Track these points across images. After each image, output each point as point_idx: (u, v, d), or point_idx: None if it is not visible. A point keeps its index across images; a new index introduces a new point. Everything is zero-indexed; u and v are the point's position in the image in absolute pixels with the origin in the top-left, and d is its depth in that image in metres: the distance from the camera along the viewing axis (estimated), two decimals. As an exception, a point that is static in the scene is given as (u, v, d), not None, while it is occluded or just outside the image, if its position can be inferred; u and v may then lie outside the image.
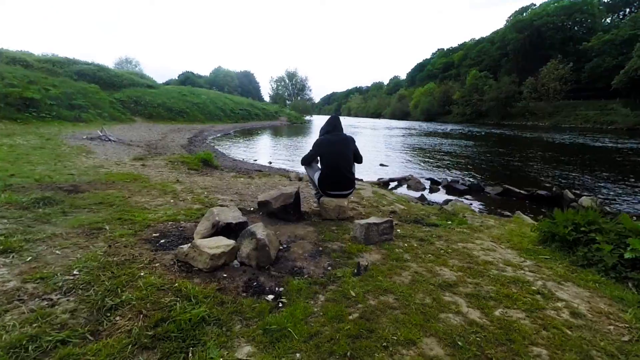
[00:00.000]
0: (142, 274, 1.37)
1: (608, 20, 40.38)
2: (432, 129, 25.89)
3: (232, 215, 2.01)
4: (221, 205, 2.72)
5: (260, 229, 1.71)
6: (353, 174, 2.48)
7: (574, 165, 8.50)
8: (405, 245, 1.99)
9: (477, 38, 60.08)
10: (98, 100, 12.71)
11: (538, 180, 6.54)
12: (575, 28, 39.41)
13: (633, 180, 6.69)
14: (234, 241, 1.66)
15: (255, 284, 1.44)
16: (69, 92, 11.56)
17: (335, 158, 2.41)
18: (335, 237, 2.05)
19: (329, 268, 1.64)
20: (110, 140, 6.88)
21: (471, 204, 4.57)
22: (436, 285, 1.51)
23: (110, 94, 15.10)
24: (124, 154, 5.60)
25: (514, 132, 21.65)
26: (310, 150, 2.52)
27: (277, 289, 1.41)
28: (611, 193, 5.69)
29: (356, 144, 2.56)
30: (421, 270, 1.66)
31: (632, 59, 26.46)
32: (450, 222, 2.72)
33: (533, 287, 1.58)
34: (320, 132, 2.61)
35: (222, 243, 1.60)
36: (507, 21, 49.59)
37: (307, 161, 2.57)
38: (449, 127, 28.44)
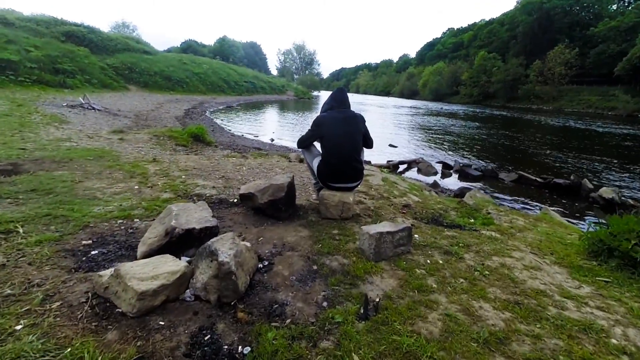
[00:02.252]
0: (18, 327, 0.78)
1: (614, 6, 37.92)
2: (440, 109, 24.35)
3: (197, 217, 1.39)
4: (197, 195, 2.10)
5: (226, 245, 1.09)
6: (361, 162, 1.80)
7: (582, 151, 7.91)
8: (428, 261, 1.40)
9: (487, 19, 55.70)
10: (87, 65, 11.23)
11: (550, 166, 5.99)
12: (583, 13, 37.28)
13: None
14: (184, 264, 1.05)
15: (208, 338, 0.87)
16: (53, 55, 10.09)
17: (341, 141, 1.72)
18: (335, 246, 1.45)
19: (324, 304, 1.06)
20: (93, 108, 5.96)
21: (487, 192, 4.03)
22: (480, 342, 0.95)
23: (101, 58, 13.40)
24: (104, 125, 4.79)
25: (520, 115, 20.46)
26: (309, 130, 1.82)
27: (240, 349, 0.85)
28: (624, 181, 5.14)
29: (366, 124, 1.83)
30: (454, 310, 1.09)
31: (635, 46, 24.96)
32: (473, 221, 2.15)
33: (613, 340, 1.03)
34: (322, 108, 1.90)
35: (163, 269, 0.99)
36: (518, 2, 44.62)
37: (304, 143, 1.88)
38: (457, 108, 26.85)
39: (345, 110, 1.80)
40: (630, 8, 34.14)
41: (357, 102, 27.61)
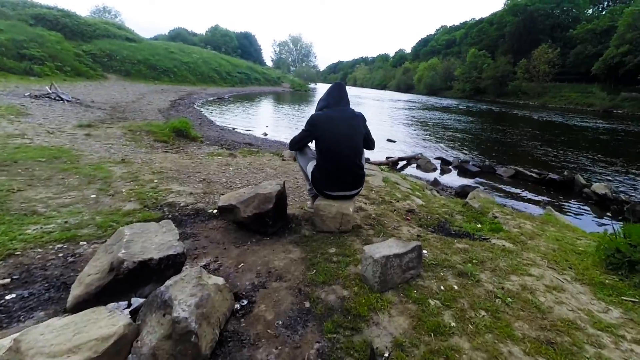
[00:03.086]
0: None
1: (590, 11, 40.68)
2: (435, 103, 24.43)
3: (157, 242, 1.07)
4: (169, 205, 1.76)
5: (186, 290, 0.80)
6: (362, 168, 1.52)
7: (568, 145, 8.08)
8: (441, 287, 1.16)
9: (477, 18, 57.09)
10: (59, 51, 10.08)
11: (541, 161, 5.98)
12: (563, 16, 39.57)
13: (624, 162, 6.25)
14: (123, 322, 0.74)
15: None
16: (18, 39, 8.95)
17: (339, 144, 1.43)
18: (333, 272, 1.18)
19: (319, 363, 0.79)
20: (62, 99, 5.28)
21: (486, 189, 3.95)
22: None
23: (77, 45, 12.13)
24: (72, 119, 4.22)
25: (510, 110, 20.83)
26: (303, 130, 1.51)
27: None
28: (610, 175, 5.23)
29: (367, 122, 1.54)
30: (481, 360, 0.84)
31: (609, 48, 26.87)
32: (480, 226, 1.96)
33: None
34: (318, 104, 1.57)
35: (90, 334, 0.69)
36: (505, 4, 46.33)
37: (297, 145, 1.57)
38: (450, 102, 27.09)
39: (344, 109, 1.49)
40: (604, 13, 36.34)
41: (355, 95, 27.18)
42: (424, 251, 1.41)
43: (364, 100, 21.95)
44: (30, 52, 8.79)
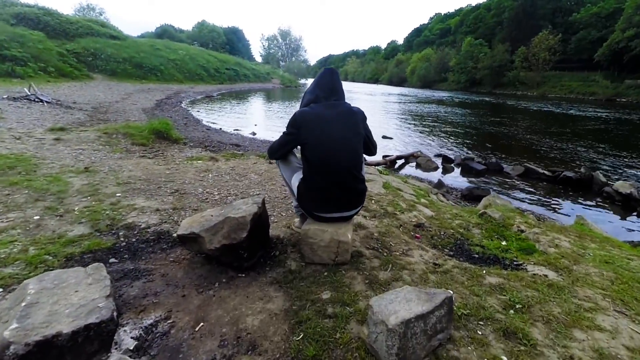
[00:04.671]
0: None
1: None
2: (430, 97, 23.68)
3: (75, 303, 0.78)
4: (127, 227, 1.44)
5: None
6: (363, 180, 1.17)
7: (575, 138, 7.61)
8: None
9: (473, 4, 54.85)
10: (42, 51, 9.57)
11: (549, 156, 5.55)
12: None
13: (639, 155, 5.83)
14: None
15: None
16: (-1, 39, 8.41)
17: (333, 151, 1.07)
18: (328, 336, 0.85)
19: None
20: (41, 101, 4.89)
21: (495, 189, 3.59)
22: None
23: (60, 44, 11.58)
24: (49, 121, 3.87)
25: (508, 102, 20.21)
26: (285, 133, 1.13)
27: None
28: (627, 170, 4.84)
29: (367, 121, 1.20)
30: None
31: (615, 32, 25.41)
32: (505, 243, 1.63)
33: None
34: (303, 98, 1.19)
35: None
36: None
37: (277, 153, 1.19)
38: (445, 95, 26.29)
39: (338, 103, 1.12)
40: (611, -6, 34.57)
41: (346, 89, 26.35)
42: (449, 292, 1.07)
43: (356, 95, 21.39)
44: (11, 52, 8.29)
